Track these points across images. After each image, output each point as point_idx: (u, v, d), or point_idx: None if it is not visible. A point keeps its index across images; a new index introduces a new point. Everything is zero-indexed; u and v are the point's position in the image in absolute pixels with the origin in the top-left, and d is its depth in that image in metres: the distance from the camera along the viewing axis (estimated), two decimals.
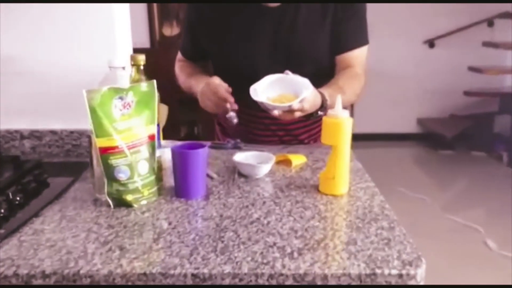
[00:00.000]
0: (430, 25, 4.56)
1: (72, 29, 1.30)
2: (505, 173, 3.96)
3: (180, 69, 1.54)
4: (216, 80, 1.25)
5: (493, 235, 2.89)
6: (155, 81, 1.01)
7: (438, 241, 2.84)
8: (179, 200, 1.01)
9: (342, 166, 1.02)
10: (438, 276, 2.44)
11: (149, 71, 1.13)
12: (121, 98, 0.94)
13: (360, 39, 1.41)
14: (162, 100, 2.63)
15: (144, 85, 0.99)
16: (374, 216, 0.93)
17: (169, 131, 3.40)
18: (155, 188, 1.01)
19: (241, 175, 1.15)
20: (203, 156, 1.01)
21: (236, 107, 1.25)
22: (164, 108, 2.52)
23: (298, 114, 1.16)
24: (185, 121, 3.58)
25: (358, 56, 1.41)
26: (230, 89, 1.24)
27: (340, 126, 1.00)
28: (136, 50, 1.38)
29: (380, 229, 0.87)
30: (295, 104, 1.13)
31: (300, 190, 1.06)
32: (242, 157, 1.18)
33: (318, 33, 1.35)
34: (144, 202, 0.99)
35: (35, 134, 1.33)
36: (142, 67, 1.06)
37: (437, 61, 4.62)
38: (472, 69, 4.07)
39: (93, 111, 0.91)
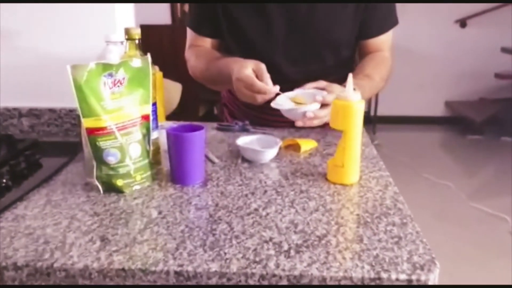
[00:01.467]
0: (462, 4, 4.32)
1: (72, 5, 1.23)
2: None
3: (197, 57, 1.34)
4: (246, 71, 1.09)
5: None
6: (149, 56, 0.92)
7: (462, 230, 2.71)
8: (174, 186, 0.93)
9: (353, 153, 0.92)
10: (463, 264, 2.33)
11: (169, 48, 1.06)
12: (110, 75, 0.86)
13: (390, 21, 1.29)
14: (181, 78, 2.55)
15: (137, 61, 0.90)
16: (385, 210, 0.83)
17: (188, 110, 3.34)
18: (148, 173, 0.94)
19: (245, 160, 1.07)
20: (200, 139, 0.93)
21: (277, 89, 1.09)
22: (177, 87, 2.45)
23: (325, 113, 1.10)
24: (204, 100, 3.50)
25: (387, 39, 1.30)
26: (266, 75, 1.09)
27: (351, 109, 0.90)
28: (158, 27, 1.32)
29: (391, 226, 0.78)
30: (325, 98, 1.09)
31: (306, 178, 0.97)
32: (246, 140, 1.09)
33: (339, 17, 1.24)
34: (137, 187, 0.92)
35: (33, 112, 1.27)
36: (137, 42, 0.98)
37: (468, 41, 4.39)
38: (505, 50, 3.84)
39: (78, 88, 0.83)
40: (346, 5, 1.22)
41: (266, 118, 1.33)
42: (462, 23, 4.41)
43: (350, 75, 0.91)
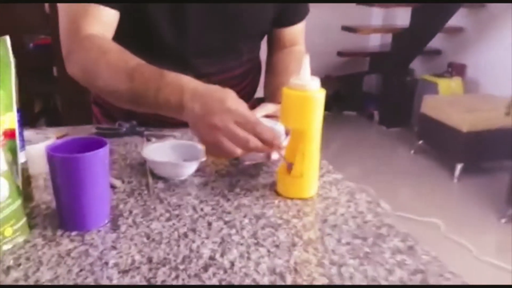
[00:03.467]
0: None
1: None
2: (377, 130, 4.05)
3: (104, 53, 0.81)
4: (244, 105, 0.69)
5: (370, 185, 2.84)
6: (7, 38, 0.57)
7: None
8: (68, 235, 0.60)
9: (314, 159, 0.71)
10: None
11: None
12: None
13: (306, 8, 1.11)
14: None
15: None
16: (374, 230, 0.64)
17: (20, 107, 2.76)
18: (23, 220, 0.59)
19: (156, 177, 0.78)
20: (103, 161, 0.62)
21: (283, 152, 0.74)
22: None
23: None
24: (39, 93, 2.94)
25: (302, 29, 1.11)
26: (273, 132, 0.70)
27: (311, 101, 0.68)
28: None
29: (398, 253, 0.59)
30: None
31: (251, 195, 0.73)
32: (154, 151, 0.80)
33: (262, 6, 0.99)
34: (6, 247, 0.57)
35: None
36: None
37: (309, 20, 4.50)
38: (345, 28, 4.02)
39: None
40: None
41: (158, 116, 1.03)
42: None
43: (307, 57, 0.68)
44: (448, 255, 0.59)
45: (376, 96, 4.31)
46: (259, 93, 1.15)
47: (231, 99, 0.67)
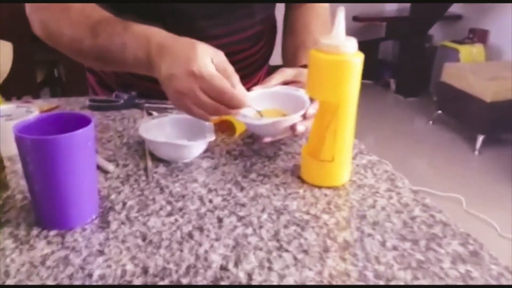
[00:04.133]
0: None
1: None
2: (394, 100, 3.88)
3: (64, 11, 0.71)
4: (209, 65, 0.58)
5: (387, 157, 2.72)
6: None
7: None
8: (46, 235, 0.49)
9: (348, 139, 0.58)
10: None
11: None
12: None
13: None
14: (4, 35, 1.87)
15: None
16: (425, 229, 0.51)
17: (21, 77, 2.63)
18: None
19: (157, 159, 0.65)
20: (87, 142, 0.49)
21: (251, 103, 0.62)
22: (7, 47, 1.81)
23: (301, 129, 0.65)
24: (42, 62, 2.80)
25: None
26: (235, 77, 0.60)
27: (346, 67, 0.54)
28: None
29: (459, 261, 0.46)
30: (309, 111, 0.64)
31: (270, 182, 0.60)
32: (153, 129, 0.67)
33: None
34: None
35: None
36: None
37: None
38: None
39: None
40: None
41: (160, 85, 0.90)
42: None
43: (342, 9, 0.54)
44: (470, 233, 0.47)
45: (392, 64, 4.12)
46: (275, 60, 1.01)
47: (199, 57, 0.57)
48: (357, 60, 0.54)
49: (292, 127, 0.64)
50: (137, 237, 0.49)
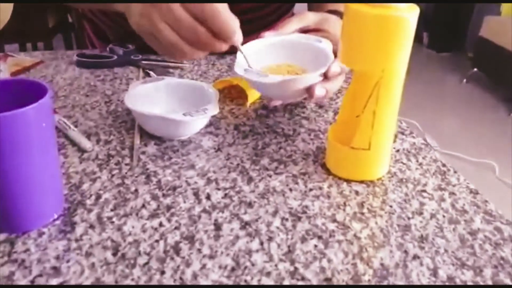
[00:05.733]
0: None
1: None
2: (426, 55, 3.64)
3: None
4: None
5: (416, 118, 2.54)
6: None
7: None
8: None
9: (389, 121, 0.44)
10: None
11: None
12: None
13: None
14: None
15: None
16: (491, 250, 0.38)
17: (31, 20, 2.49)
18: None
19: (148, 135, 0.53)
20: (39, 121, 0.36)
21: (240, 35, 0.47)
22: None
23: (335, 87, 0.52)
24: (53, 5, 2.66)
25: None
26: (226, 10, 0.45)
27: (395, 26, 0.39)
28: None
29: None
30: (331, 68, 0.49)
31: (286, 171, 0.47)
32: (144, 96, 0.54)
33: None
34: None
35: None
36: None
37: None
38: None
39: None
40: None
41: None
42: None
43: None
44: (502, 202, 0.33)
45: (425, 16, 3.83)
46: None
47: None
48: (411, 16, 0.39)
49: (309, 90, 0.49)
50: (107, 248, 0.37)
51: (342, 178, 0.46)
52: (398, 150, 0.51)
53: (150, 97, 0.54)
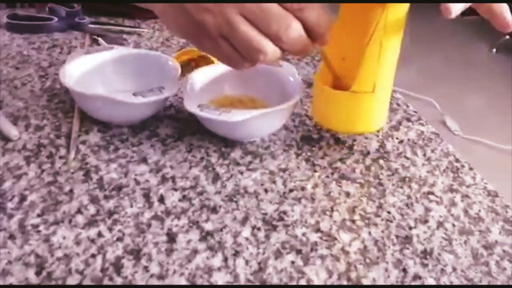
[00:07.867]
0: None
1: None
2: (449, 19, 3.63)
3: None
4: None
5: (433, 95, 2.56)
6: None
7: None
8: None
9: (395, 58, 0.44)
10: None
11: None
12: None
13: None
14: None
15: None
16: (510, 266, 0.37)
17: None
18: None
19: (90, 119, 0.51)
20: None
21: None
22: None
23: None
24: None
25: None
26: None
27: None
28: None
29: None
30: None
31: (262, 167, 0.46)
32: (88, 70, 0.52)
33: None
34: None
35: None
36: None
37: None
38: None
39: None
40: None
41: None
42: None
43: None
44: None
45: None
46: None
47: None
48: None
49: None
50: (30, 266, 0.35)
51: (336, 132, 0.45)
52: (401, 141, 0.50)
53: (94, 71, 0.52)
